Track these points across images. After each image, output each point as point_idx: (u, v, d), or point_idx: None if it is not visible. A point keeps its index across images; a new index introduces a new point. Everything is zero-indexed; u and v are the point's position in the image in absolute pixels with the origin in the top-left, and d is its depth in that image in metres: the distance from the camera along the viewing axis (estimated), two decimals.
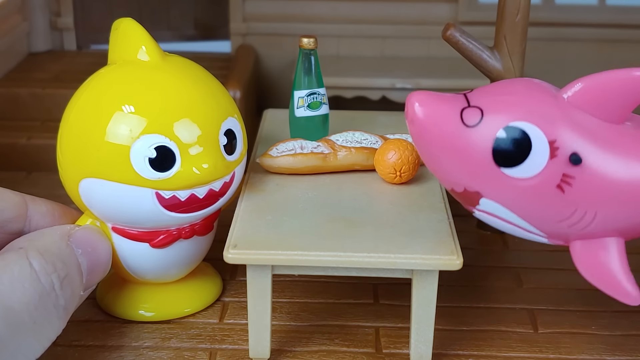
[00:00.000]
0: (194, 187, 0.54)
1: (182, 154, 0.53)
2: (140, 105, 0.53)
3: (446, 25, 0.67)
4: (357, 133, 0.65)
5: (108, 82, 0.55)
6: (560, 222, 0.51)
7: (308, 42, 0.65)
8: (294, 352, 0.58)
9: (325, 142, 0.64)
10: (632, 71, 0.49)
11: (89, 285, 0.51)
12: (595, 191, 0.49)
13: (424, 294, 0.54)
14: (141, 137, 0.52)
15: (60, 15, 1.11)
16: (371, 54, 1.10)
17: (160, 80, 0.54)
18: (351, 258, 0.52)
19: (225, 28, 1.13)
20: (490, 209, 0.52)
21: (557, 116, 0.49)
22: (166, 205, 0.54)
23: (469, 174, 0.50)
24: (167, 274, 0.60)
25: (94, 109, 0.54)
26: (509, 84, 0.53)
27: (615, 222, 0.51)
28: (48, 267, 0.45)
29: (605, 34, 1.07)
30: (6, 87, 0.97)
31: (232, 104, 0.59)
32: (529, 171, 0.49)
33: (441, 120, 0.50)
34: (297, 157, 0.62)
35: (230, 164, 0.56)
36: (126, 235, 0.56)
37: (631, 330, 0.61)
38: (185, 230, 0.57)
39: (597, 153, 0.49)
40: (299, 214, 0.57)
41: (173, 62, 0.57)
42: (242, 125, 0.59)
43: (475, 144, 0.49)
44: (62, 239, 0.49)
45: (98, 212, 0.56)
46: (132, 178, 0.53)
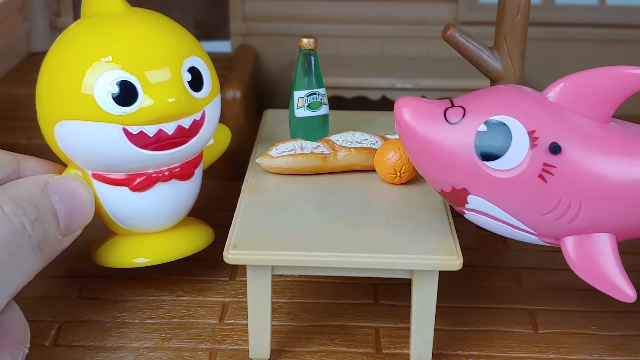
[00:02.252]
0: (160, 121, 0.56)
1: (144, 88, 0.55)
2: (103, 46, 0.56)
3: (446, 26, 0.67)
4: (357, 133, 0.65)
5: (75, 31, 0.59)
6: (545, 215, 0.52)
7: (308, 43, 0.65)
8: (294, 352, 0.58)
9: (325, 143, 0.64)
10: (611, 69, 0.51)
11: (69, 231, 0.54)
12: (578, 181, 0.50)
13: (424, 294, 0.54)
14: (103, 73, 0.55)
15: (60, 15, 1.11)
16: (371, 54, 1.10)
17: (122, 25, 0.58)
18: (351, 258, 0.52)
19: (225, 28, 1.13)
20: (478, 207, 0.53)
21: (536, 110, 0.51)
22: (135, 142, 0.56)
23: (455, 170, 0.52)
24: (152, 221, 0.62)
25: (62, 54, 0.57)
26: (494, 89, 0.55)
27: (604, 217, 0.51)
28: (18, 210, 0.49)
29: (605, 34, 1.07)
30: (6, 87, 0.96)
31: (197, 45, 0.61)
32: (511, 162, 0.51)
33: (426, 120, 0.52)
34: (297, 158, 0.62)
35: (198, 101, 0.58)
36: (106, 180, 0.58)
37: (631, 330, 0.61)
38: (163, 173, 0.59)
39: (577, 143, 0.50)
40: (299, 215, 0.57)
41: (137, 11, 0.60)
42: (210, 66, 0.60)
43: (459, 139, 0.51)
44: (37, 187, 0.52)
45: (75, 157, 0.58)
46: (99, 115, 0.55)
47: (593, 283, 0.53)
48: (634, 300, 0.52)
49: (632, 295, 0.52)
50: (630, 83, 0.51)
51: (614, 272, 0.52)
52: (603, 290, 0.52)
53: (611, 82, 0.51)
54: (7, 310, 0.49)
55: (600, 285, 0.52)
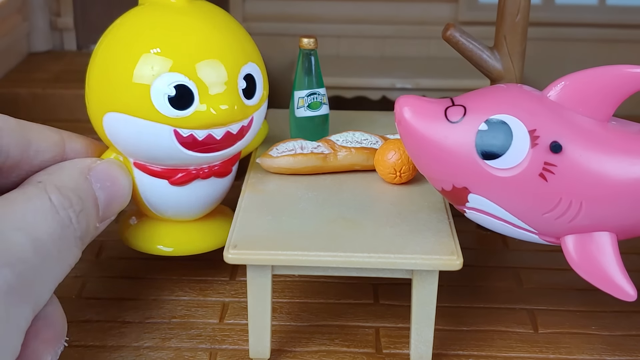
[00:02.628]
0: (211, 127, 0.56)
1: (200, 94, 0.55)
2: (163, 45, 0.55)
3: (446, 26, 0.67)
4: (357, 133, 0.65)
5: (135, 21, 0.58)
6: (546, 213, 0.52)
7: (308, 42, 0.65)
8: (294, 352, 0.58)
9: (325, 143, 0.64)
10: (612, 69, 0.51)
11: (105, 217, 0.53)
12: (579, 180, 0.50)
13: (424, 294, 0.54)
14: (161, 75, 0.54)
15: (60, 15, 1.12)
16: (371, 54, 1.10)
17: (184, 22, 0.57)
18: (351, 258, 0.52)
19: None
20: (479, 206, 0.53)
21: (537, 109, 0.51)
22: (184, 143, 0.56)
23: (456, 169, 0.52)
24: (185, 212, 0.62)
25: (120, 46, 0.56)
26: (494, 88, 0.55)
27: (604, 215, 0.52)
28: (65, 202, 0.48)
29: (605, 34, 1.07)
30: (6, 87, 0.97)
31: (254, 50, 0.60)
32: (512, 161, 0.51)
33: (427, 119, 0.52)
34: (297, 158, 0.62)
35: (249, 109, 0.58)
36: (147, 171, 0.58)
37: (631, 330, 0.61)
38: (203, 170, 0.59)
39: (578, 143, 0.50)
40: (299, 214, 0.57)
41: (199, 5, 0.59)
42: (264, 72, 0.60)
43: (460, 138, 0.51)
44: (81, 174, 0.51)
45: (120, 147, 0.58)
46: (152, 114, 0.55)
47: (593, 282, 0.53)
48: (635, 299, 0.52)
49: (633, 294, 0.52)
50: (631, 82, 0.51)
51: (614, 271, 0.52)
52: (603, 289, 0.52)
53: (612, 81, 0.51)
54: (50, 303, 0.48)
55: (601, 284, 0.52)
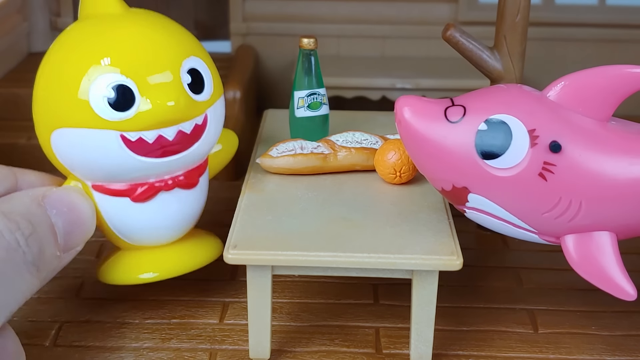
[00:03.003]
0: (159, 126, 0.54)
1: (141, 92, 0.53)
2: (97, 50, 0.54)
3: (446, 26, 0.67)
4: (357, 133, 0.65)
5: (70, 34, 0.56)
6: (546, 213, 0.52)
7: (308, 43, 0.65)
8: (294, 352, 0.58)
9: (325, 143, 0.64)
10: (612, 68, 0.51)
11: (68, 247, 0.51)
12: (578, 179, 0.51)
13: (424, 294, 0.54)
14: (97, 77, 0.52)
15: (60, 15, 1.11)
16: (371, 54, 1.10)
17: (118, 27, 0.55)
18: (351, 258, 0.52)
19: (225, 28, 1.13)
20: (479, 205, 0.53)
21: (536, 109, 0.51)
22: (134, 149, 0.54)
23: (456, 169, 0.52)
24: (157, 234, 0.59)
25: (58, 61, 0.55)
26: (494, 88, 0.55)
27: (604, 215, 0.52)
28: (11, 225, 0.46)
29: (605, 34, 1.07)
30: (6, 87, 0.96)
31: (197, 45, 0.58)
32: (511, 161, 0.51)
33: (426, 119, 0.52)
34: (297, 158, 0.62)
35: (199, 104, 0.56)
36: (106, 191, 0.56)
37: (631, 330, 0.61)
38: (166, 182, 0.57)
39: (577, 142, 0.51)
40: (299, 215, 0.57)
41: (135, 12, 0.58)
42: (212, 67, 0.58)
43: (459, 138, 0.51)
44: (33, 200, 0.50)
45: (73, 167, 0.55)
46: (95, 121, 0.52)
47: (593, 281, 0.53)
48: (635, 299, 0.52)
49: (633, 293, 0.52)
50: (631, 82, 0.51)
51: (614, 271, 0.52)
52: (604, 288, 0.53)
53: (611, 81, 0.51)
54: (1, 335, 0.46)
55: (601, 283, 0.53)
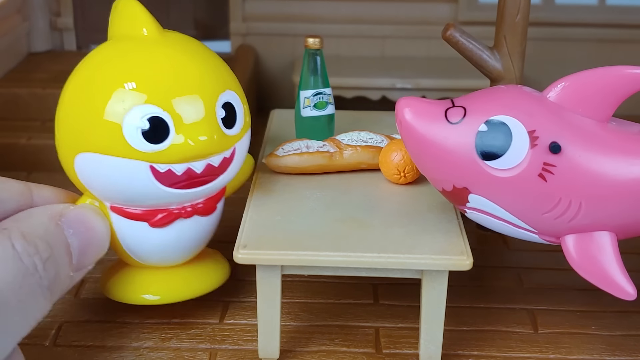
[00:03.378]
0: (190, 160, 0.53)
1: (176, 125, 0.52)
2: (133, 77, 0.52)
3: (446, 26, 0.67)
4: (362, 133, 0.65)
5: (103, 56, 0.55)
6: (546, 213, 0.52)
7: (314, 42, 0.65)
8: (294, 352, 0.58)
9: (331, 142, 0.64)
10: (612, 69, 0.51)
11: (81, 266, 0.50)
12: (578, 180, 0.51)
13: (433, 294, 0.54)
14: (133, 108, 0.51)
15: (60, 15, 1.12)
16: (371, 54, 1.10)
17: (155, 53, 0.54)
18: (361, 258, 0.52)
19: (225, 28, 1.13)
20: (479, 206, 0.53)
21: (536, 110, 0.51)
22: (162, 180, 0.53)
23: (456, 169, 0.52)
24: (169, 256, 0.59)
25: (88, 82, 0.53)
26: (494, 89, 0.55)
27: (604, 215, 0.52)
28: (30, 249, 0.45)
29: (605, 34, 1.07)
30: (6, 87, 0.97)
31: (232, 78, 0.57)
32: (511, 161, 0.51)
33: (427, 120, 0.52)
34: (304, 156, 0.62)
35: (230, 139, 0.55)
36: (125, 214, 0.55)
37: (631, 330, 0.61)
38: (185, 209, 0.56)
39: (577, 143, 0.51)
40: (308, 214, 0.57)
41: (170, 37, 0.56)
42: (244, 101, 0.57)
43: (460, 139, 0.51)
44: (51, 220, 0.48)
45: (94, 189, 0.55)
46: (126, 151, 0.51)
47: (594, 281, 0.53)
48: (635, 298, 0.52)
49: (633, 293, 0.52)
50: (630, 83, 0.51)
51: (614, 270, 0.52)
52: (604, 288, 0.53)
53: (611, 81, 0.52)
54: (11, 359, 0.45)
55: (601, 283, 0.53)
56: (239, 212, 0.58)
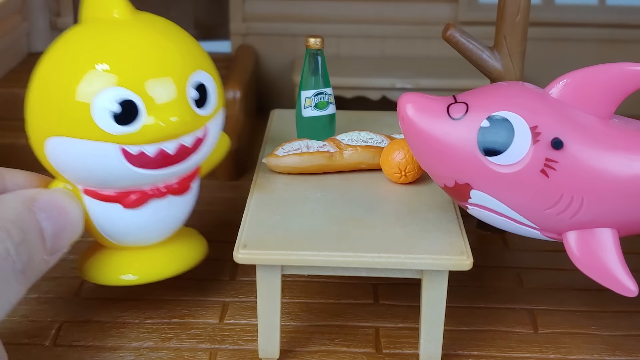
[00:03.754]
0: (161, 140, 0.53)
1: (147, 107, 0.51)
2: (103, 60, 0.52)
3: (446, 26, 0.67)
4: (362, 133, 0.65)
5: (74, 39, 0.54)
6: (547, 209, 0.52)
7: (315, 42, 0.65)
8: (294, 352, 0.58)
9: (331, 142, 0.64)
10: (614, 66, 0.51)
11: (55, 249, 0.50)
12: (580, 176, 0.51)
13: (433, 294, 0.54)
14: (103, 90, 0.51)
15: (60, 15, 1.12)
16: (371, 54, 1.10)
17: (125, 35, 0.54)
18: (361, 258, 0.52)
19: (225, 28, 1.13)
20: (481, 202, 0.53)
21: (539, 106, 0.52)
22: (134, 162, 0.53)
23: (458, 165, 0.52)
24: (145, 237, 0.59)
25: (57, 65, 0.53)
26: (496, 85, 0.56)
27: (606, 211, 0.52)
28: (1, 234, 0.45)
29: (605, 34, 1.07)
30: (6, 87, 0.97)
31: (204, 58, 0.57)
32: (513, 157, 0.51)
33: (429, 116, 0.53)
34: (304, 156, 0.62)
35: (202, 118, 0.55)
36: (98, 196, 0.55)
37: (631, 330, 0.61)
38: (159, 189, 0.56)
39: (579, 139, 0.51)
40: (308, 214, 0.57)
41: (142, 18, 0.55)
42: (217, 80, 0.57)
43: (462, 135, 0.52)
44: (23, 204, 0.48)
45: (66, 173, 0.54)
46: (95, 133, 0.51)
47: (595, 277, 0.53)
48: (636, 295, 0.52)
49: (634, 289, 0.52)
50: (632, 80, 0.51)
51: (616, 267, 0.52)
52: (605, 284, 0.53)
53: (613, 78, 0.52)
54: None
55: (602, 279, 0.53)
56: (239, 212, 0.58)
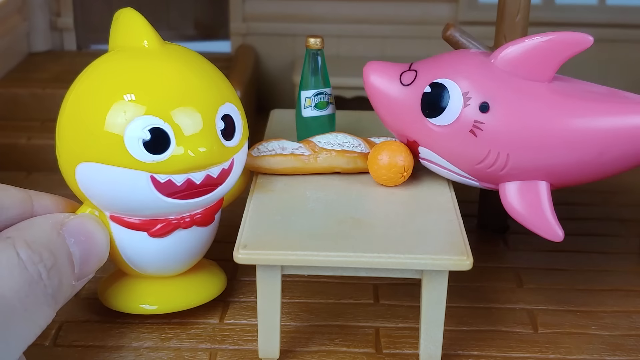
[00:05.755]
0: (189, 171, 0.54)
1: (176, 137, 0.53)
2: (135, 89, 0.53)
3: (446, 25, 0.67)
4: (340, 135, 0.64)
5: (105, 67, 0.55)
6: (479, 164, 0.58)
7: (315, 42, 0.65)
8: (294, 353, 0.58)
9: (306, 144, 0.63)
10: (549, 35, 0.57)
11: (83, 275, 0.50)
12: (503, 135, 0.57)
13: (433, 294, 0.54)
14: (135, 119, 0.52)
15: (60, 15, 1.12)
16: (371, 54, 1.10)
17: (157, 66, 0.55)
18: (361, 258, 0.52)
19: (225, 28, 1.13)
20: (427, 157, 0.61)
21: (474, 73, 0.58)
22: (162, 190, 0.54)
23: (407, 125, 0.60)
24: (167, 266, 0.60)
25: (90, 92, 0.54)
26: (447, 54, 0.62)
27: (532, 165, 0.57)
28: (34, 257, 0.45)
29: (605, 34, 1.07)
30: (6, 87, 0.97)
31: (231, 91, 0.58)
32: (448, 119, 0.58)
33: (386, 82, 0.61)
34: (276, 158, 0.62)
35: (228, 150, 0.56)
36: (124, 224, 0.56)
37: (631, 330, 0.61)
38: (184, 219, 0.57)
39: (506, 102, 0.57)
40: (308, 214, 0.57)
41: (171, 49, 0.57)
42: (242, 113, 0.58)
43: (409, 99, 0.60)
44: (53, 228, 0.49)
45: (95, 199, 0.55)
46: (127, 161, 0.52)
47: (526, 224, 0.58)
48: (562, 240, 0.57)
49: (561, 235, 0.57)
50: (566, 46, 0.57)
51: (546, 214, 0.58)
52: (535, 230, 0.58)
53: (548, 46, 0.57)
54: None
55: (533, 226, 0.58)
56: (239, 212, 0.58)
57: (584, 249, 0.72)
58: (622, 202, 0.81)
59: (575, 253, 0.71)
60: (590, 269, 0.69)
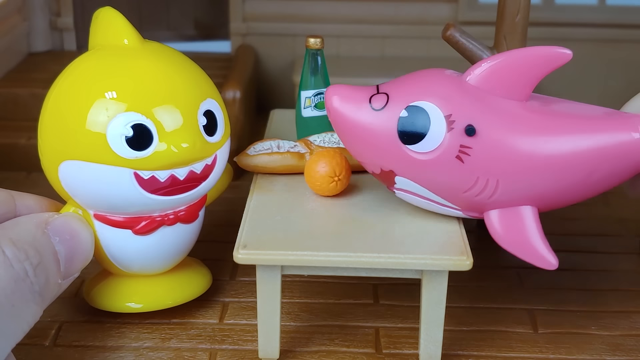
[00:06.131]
0: (173, 167, 0.54)
1: (159, 133, 0.53)
2: (116, 86, 0.53)
3: (446, 25, 0.67)
4: (336, 134, 0.64)
5: (86, 65, 0.56)
6: (465, 192, 0.54)
7: (315, 42, 0.65)
8: (293, 353, 0.58)
9: (302, 142, 0.64)
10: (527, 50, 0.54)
11: (68, 274, 0.51)
12: (493, 160, 0.53)
13: (433, 294, 0.54)
14: (117, 115, 0.52)
15: (60, 15, 1.11)
16: (371, 54, 1.10)
17: (137, 63, 0.55)
18: (361, 258, 0.52)
19: (225, 28, 1.13)
20: (405, 187, 0.56)
21: (453, 94, 0.54)
22: (146, 187, 0.54)
23: (382, 154, 0.55)
24: (152, 264, 0.60)
25: (72, 91, 0.55)
26: (416, 74, 0.58)
27: (522, 191, 0.54)
28: (20, 255, 0.46)
29: (605, 34, 1.07)
30: (6, 87, 0.96)
31: (212, 87, 0.59)
32: (430, 145, 0.53)
33: (353, 107, 0.55)
34: (273, 156, 0.62)
35: (211, 146, 0.56)
36: (108, 222, 0.56)
37: (631, 330, 0.61)
38: (168, 216, 0.57)
39: (492, 124, 0.53)
40: (308, 214, 0.57)
41: (151, 47, 0.57)
42: (224, 109, 0.59)
43: (383, 125, 0.54)
44: (38, 227, 0.49)
45: (78, 197, 0.55)
46: (110, 158, 0.53)
47: (517, 253, 0.54)
48: (556, 268, 0.54)
49: (555, 263, 0.54)
50: (544, 62, 0.54)
51: (536, 242, 0.54)
52: (527, 259, 0.54)
53: (526, 62, 0.54)
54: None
55: (524, 255, 0.54)
56: (239, 212, 0.58)
57: (584, 249, 0.72)
58: (622, 202, 0.81)
59: (575, 253, 0.71)
60: (590, 269, 0.69)
